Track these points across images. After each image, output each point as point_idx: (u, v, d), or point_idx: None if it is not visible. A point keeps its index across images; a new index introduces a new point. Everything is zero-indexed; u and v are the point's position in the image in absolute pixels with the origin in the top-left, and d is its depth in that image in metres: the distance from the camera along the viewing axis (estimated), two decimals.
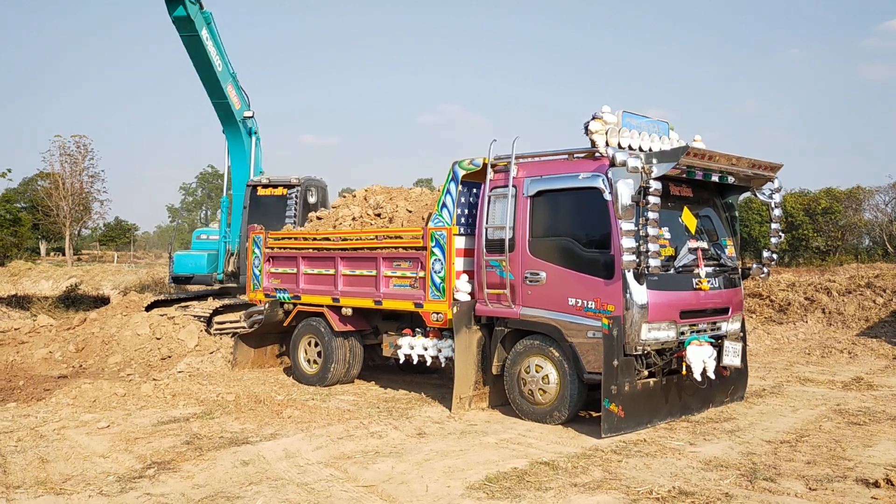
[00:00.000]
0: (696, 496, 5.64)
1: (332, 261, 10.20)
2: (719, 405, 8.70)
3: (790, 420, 8.23)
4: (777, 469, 6.36)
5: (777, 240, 8.88)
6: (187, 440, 7.32)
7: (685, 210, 8.14)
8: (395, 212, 10.19)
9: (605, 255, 7.58)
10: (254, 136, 15.30)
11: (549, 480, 6.04)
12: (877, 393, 9.79)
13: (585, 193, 7.77)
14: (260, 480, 6.07)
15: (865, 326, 15.42)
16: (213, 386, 9.94)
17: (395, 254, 9.38)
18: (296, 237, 11.00)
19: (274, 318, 11.04)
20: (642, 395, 7.68)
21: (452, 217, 8.85)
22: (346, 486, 5.93)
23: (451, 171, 8.89)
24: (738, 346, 8.23)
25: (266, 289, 11.21)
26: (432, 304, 8.90)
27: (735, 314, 8.51)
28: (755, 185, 8.69)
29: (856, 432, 7.67)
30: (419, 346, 9.39)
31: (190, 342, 12.34)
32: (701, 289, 7.94)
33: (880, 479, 5.93)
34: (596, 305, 7.60)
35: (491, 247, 8.45)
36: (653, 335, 7.55)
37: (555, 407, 7.97)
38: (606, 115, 7.82)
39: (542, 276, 8.06)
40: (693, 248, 8.01)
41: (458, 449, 7.04)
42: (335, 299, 10.13)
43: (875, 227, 36.53)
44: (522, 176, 8.34)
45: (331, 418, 8.28)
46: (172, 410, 8.66)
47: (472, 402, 8.67)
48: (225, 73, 14.55)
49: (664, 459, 6.66)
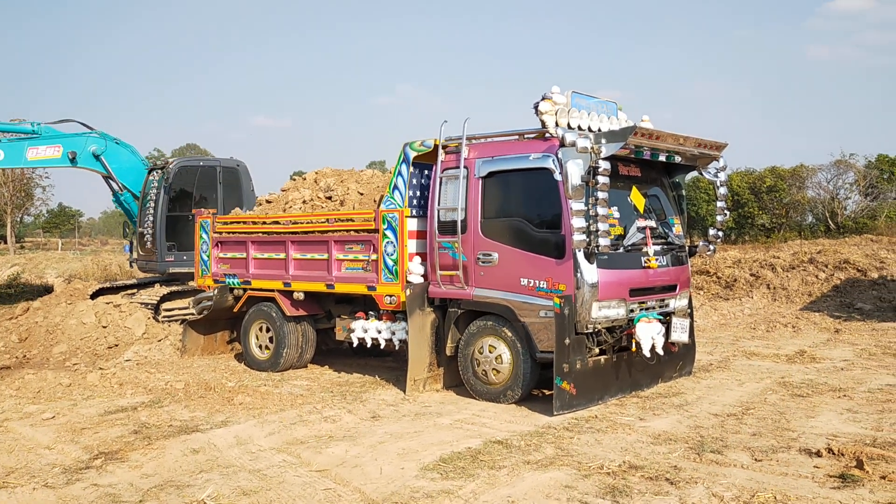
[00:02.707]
0: (645, 469, 5.74)
1: (282, 245, 10.06)
2: (668, 381, 8.86)
3: (736, 393, 8.42)
4: (724, 441, 6.50)
5: (723, 217, 9.02)
6: (135, 429, 7.19)
7: (633, 189, 8.22)
8: (347, 194, 10.07)
9: (556, 235, 7.63)
10: (110, 142, 15.09)
11: (503, 459, 6.08)
12: (819, 365, 10.07)
13: (536, 174, 7.79)
14: (210, 468, 5.99)
15: (808, 301, 15.86)
16: (161, 374, 9.77)
17: (346, 237, 9.30)
18: (244, 221, 10.81)
19: (224, 303, 10.88)
20: (593, 373, 7.78)
21: (404, 199, 8.77)
22: (299, 472, 5.88)
23: (403, 153, 8.81)
24: (686, 323, 8.38)
25: (215, 274, 11.02)
26: (385, 287, 8.85)
27: (682, 291, 8.64)
28: (701, 164, 8.79)
29: (799, 404, 7.89)
30: (373, 330, 9.33)
31: (137, 330, 12.08)
32: (649, 267, 8.05)
33: (822, 449, 6.10)
34: (547, 285, 7.64)
35: (443, 228, 8.44)
36: (603, 313, 7.63)
37: (508, 386, 8.02)
38: (556, 95, 7.82)
39: (494, 257, 8.07)
40: (641, 227, 8.09)
41: (413, 431, 7.04)
42: (286, 284, 10.01)
43: (818, 204, 37.49)
44: (474, 157, 8.32)
45: (283, 404, 8.20)
46: (120, 400, 8.49)
47: (426, 383, 8.67)
48: (15, 147, 14.46)
49: (615, 435, 6.76)
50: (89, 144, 14.83)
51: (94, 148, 14.79)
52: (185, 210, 14.54)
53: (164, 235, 14.13)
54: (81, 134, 14.98)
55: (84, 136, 14.91)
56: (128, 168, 15.21)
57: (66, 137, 14.79)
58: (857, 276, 16.53)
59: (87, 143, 14.85)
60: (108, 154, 15.03)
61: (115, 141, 15.25)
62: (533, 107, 7.78)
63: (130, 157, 15.40)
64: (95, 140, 14.91)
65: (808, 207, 37.92)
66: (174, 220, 14.32)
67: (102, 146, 14.92)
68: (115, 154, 15.15)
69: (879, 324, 13.48)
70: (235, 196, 14.80)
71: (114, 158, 15.06)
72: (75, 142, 14.77)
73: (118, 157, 15.18)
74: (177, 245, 14.25)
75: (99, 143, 14.92)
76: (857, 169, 36.17)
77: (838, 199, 36.30)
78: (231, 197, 14.74)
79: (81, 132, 15.02)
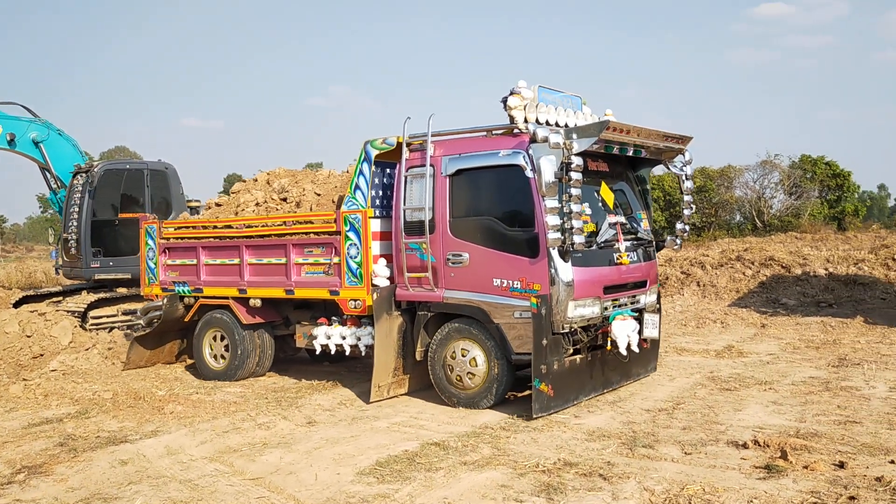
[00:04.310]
0: (579, 466, 5.82)
1: (236, 250, 9.62)
2: (637, 378, 8.83)
3: (668, 389, 8.61)
4: (655, 436, 6.64)
5: (689, 211, 8.90)
6: (61, 442, 6.96)
7: (602, 185, 8.04)
8: (303, 196, 9.71)
9: (529, 233, 7.45)
10: (53, 132, 14.69)
11: (440, 461, 6.08)
12: (746, 360, 10.39)
13: (506, 171, 7.60)
14: (140, 479, 5.84)
15: (736, 297, 16.34)
16: (89, 384, 9.48)
17: (306, 240, 8.92)
18: (194, 226, 10.33)
19: (174, 313, 10.35)
20: (569, 373, 7.63)
21: (367, 199, 8.44)
22: (232, 480, 5.78)
23: (364, 152, 8.46)
24: (657, 318, 8.29)
25: (163, 282, 10.47)
26: (349, 291, 8.53)
27: (652, 287, 8.55)
28: (667, 158, 8.65)
29: (727, 398, 8.11)
30: (336, 335, 8.96)
31: (64, 339, 11.65)
32: (621, 263, 7.92)
33: (749, 441, 6.29)
34: (522, 285, 7.46)
35: (410, 229, 8.16)
36: (579, 312, 7.47)
37: (485, 390, 7.80)
38: (524, 90, 7.58)
39: (464, 257, 7.84)
40: (612, 223, 7.95)
41: (349, 435, 6.99)
42: (242, 290, 9.59)
43: (745, 203, 38.59)
44: (440, 154, 8.06)
45: (216, 412, 8.04)
46: (45, 411, 8.21)
47: (390, 388, 8.39)
48: None
49: (550, 433, 6.84)
50: (31, 130, 14.41)
51: (35, 135, 14.36)
52: (112, 215, 14.16)
53: (90, 241, 13.72)
54: (24, 118, 14.51)
55: (27, 121, 14.47)
56: (66, 162, 14.74)
57: (7, 119, 14.29)
58: (781, 272, 17.10)
59: (28, 129, 14.42)
60: (49, 144, 14.59)
61: (59, 132, 14.80)
62: (501, 101, 7.56)
63: (72, 151, 14.95)
64: (38, 127, 14.48)
65: (737, 206, 38.98)
66: (100, 225, 13.93)
67: (45, 134, 14.48)
68: (56, 145, 14.71)
69: (803, 318, 13.96)
70: (164, 200, 14.47)
71: (54, 149, 14.62)
72: (17, 125, 14.31)
73: (58, 148, 14.74)
74: (102, 251, 13.85)
75: (41, 130, 14.48)
76: (782, 169, 37.39)
77: (764, 199, 37.45)
78: (159, 201, 14.40)
79: (25, 117, 14.54)
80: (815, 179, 36.60)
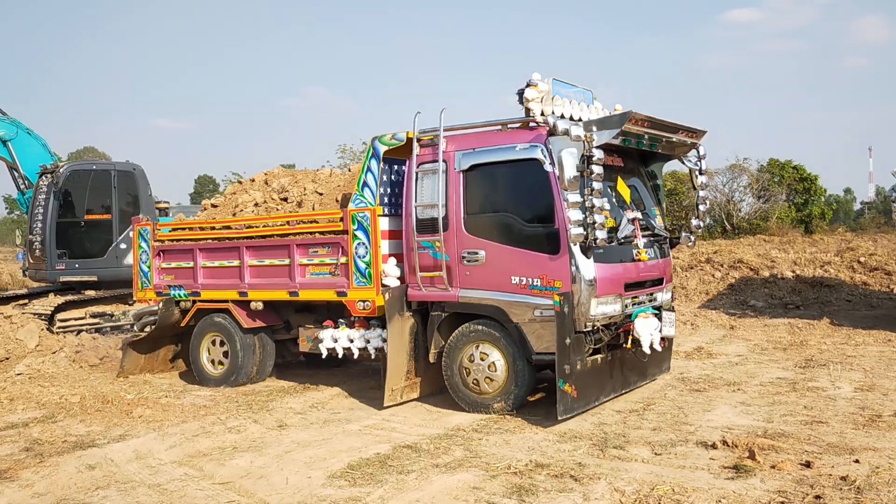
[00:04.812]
0: (551, 467, 5.84)
1: (235, 251, 9.31)
2: (653, 378, 8.76)
3: (639, 390, 8.66)
4: (626, 437, 6.69)
5: (704, 207, 8.75)
6: (27, 447, 6.85)
7: (619, 180, 7.91)
8: (304, 195, 9.50)
9: (549, 228, 7.24)
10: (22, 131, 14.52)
11: (412, 463, 6.08)
12: (715, 361, 10.50)
13: (524, 165, 7.39)
14: (108, 484, 5.76)
15: (706, 299, 16.54)
16: (55, 388, 9.34)
17: (310, 240, 8.64)
18: (191, 227, 10.06)
19: (170, 318, 9.94)
20: (591, 373, 7.42)
21: (375, 197, 8.18)
22: (202, 485, 5.72)
23: (371, 148, 8.23)
24: (673, 316, 8.11)
25: (157, 286, 10.10)
26: (358, 292, 8.24)
27: (667, 284, 8.45)
28: (680, 153, 8.48)
29: (696, 398, 8.19)
30: (344, 338, 8.64)
31: (30, 342, 11.47)
32: (640, 260, 7.77)
33: (717, 441, 6.36)
34: (542, 282, 7.25)
35: (422, 227, 7.90)
36: (601, 310, 7.27)
37: (504, 393, 7.55)
38: (539, 83, 7.42)
39: (480, 255, 7.61)
40: (631, 219, 7.77)
41: (321, 438, 6.95)
42: (242, 293, 9.29)
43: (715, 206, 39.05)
44: (452, 150, 7.82)
45: (185, 415, 7.96)
46: (10, 416, 8.08)
47: (403, 392, 8.12)
48: None
49: (522, 435, 6.86)
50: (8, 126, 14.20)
51: (3, 133, 14.18)
52: (78, 216, 13.97)
53: (55, 243, 13.52)
54: None
55: None
56: (35, 162, 14.56)
57: None
58: (750, 274, 17.34)
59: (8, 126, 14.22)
60: (17, 142, 14.38)
61: (28, 131, 14.57)
62: (517, 94, 7.38)
63: (41, 150, 14.76)
64: (6, 125, 14.29)
65: None
66: (65, 227, 13.75)
67: (13, 132, 14.25)
68: (25, 144, 14.51)
69: (771, 320, 14.16)
70: (132, 201, 14.31)
71: (22, 148, 14.42)
72: None
73: (27, 148, 14.55)
74: (68, 253, 13.66)
75: (9, 128, 14.26)
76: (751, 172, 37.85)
77: (733, 202, 37.91)
78: (127, 202, 14.24)
79: None
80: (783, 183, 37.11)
